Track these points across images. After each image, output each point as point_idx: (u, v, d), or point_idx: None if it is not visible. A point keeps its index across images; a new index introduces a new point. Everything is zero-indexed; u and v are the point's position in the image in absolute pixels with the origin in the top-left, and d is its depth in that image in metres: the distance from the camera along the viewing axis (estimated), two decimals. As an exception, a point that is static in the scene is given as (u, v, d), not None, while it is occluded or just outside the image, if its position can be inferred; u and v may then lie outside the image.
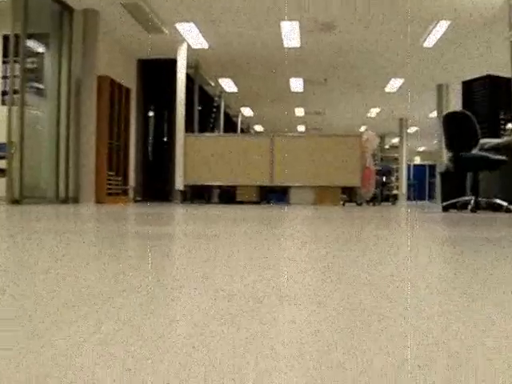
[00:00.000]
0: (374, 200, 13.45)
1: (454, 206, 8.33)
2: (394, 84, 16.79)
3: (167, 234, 2.35)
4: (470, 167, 7.32)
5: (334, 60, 14.57)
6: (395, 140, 30.56)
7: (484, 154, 7.13)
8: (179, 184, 12.60)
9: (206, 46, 13.25)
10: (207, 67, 15.51)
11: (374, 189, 12.56)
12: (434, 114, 21.83)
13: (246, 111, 22.41)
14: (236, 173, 12.40)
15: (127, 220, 3.69)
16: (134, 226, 2.92)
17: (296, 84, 17.17)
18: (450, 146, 7.44)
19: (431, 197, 35.47)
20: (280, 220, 4.16)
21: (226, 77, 16.66)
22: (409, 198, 27.74)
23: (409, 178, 29.96)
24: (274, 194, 17.29)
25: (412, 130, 26.57)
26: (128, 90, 12.27)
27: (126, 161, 12.30)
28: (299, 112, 22.28)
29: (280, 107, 21.44)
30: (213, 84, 16.90)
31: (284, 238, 2.19)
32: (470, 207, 7.16)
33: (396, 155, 26.16)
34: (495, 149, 8.43)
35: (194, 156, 12.53)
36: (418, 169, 38.69)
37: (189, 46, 13.13)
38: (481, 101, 9.95)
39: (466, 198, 7.48)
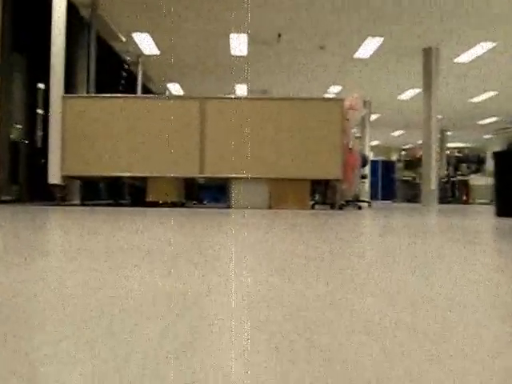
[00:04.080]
0: (352, 201, 9.08)
1: None
2: (369, 46, 12.57)
3: None
4: None
5: (292, 6, 10.18)
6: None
7: None
8: (54, 175, 7.86)
9: (100, -39, 8.57)
10: (112, 9, 10.80)
11: (358, 183, 8.26)
12: (405, 95, 17.86)
13: (175, 89, 17.75)
14: (147, 158, 7.81)
15: None
16: None
17: (238, 43, 12.67)
18: None
19: (386, 196, 31.94)
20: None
21: (141, 30, 11.96)
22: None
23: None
24: (208, 192, 12.82)
25: (372, 117, 22.62)
26: (-34, 21, 7.43)
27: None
28: (241, 90, 17.79)
29: (217, 82, 16.88)
30: (123, 39, 12.18)
31: None
32: None
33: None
34: None
35: (81, 131, 7.84)
36: (372, 165, 35.01)
37: (73, -40, 8.40)
38: None
39: None
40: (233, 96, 7.82)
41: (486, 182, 21.08)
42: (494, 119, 22.41)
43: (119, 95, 7.95)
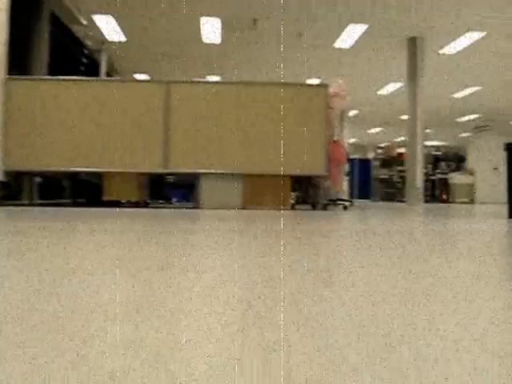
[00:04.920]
0: (335, 201, 8.16)
1: None
2: (351, 34, 11.71)
3: None
4: None
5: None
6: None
7: None
8: (-6, 170, 6.80)
9: None
10: (69, -13, 9.74)
11: (343, 180, 7.37)
12: (386, 89, 17.10)
13: (143, 80, 16.65)
14: (104, 151, 6.80)
15: None
16: None
17: (211, 29, 11.70)
18: None
19: (363, 195, 31.41)
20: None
21: (103, 12, 10.89)
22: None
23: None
24: (178, 190, 11.87)
25: (349, 113, 21.84)
26: None
27: None
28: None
29: (188, 73, 15.86)
30: (84, 22, 11.09)
31: None
32: None
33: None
34: None
35: (27, 119, 6.80)
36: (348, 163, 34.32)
37: None
38: None
39: None
40: (202, 80, 6.86)
41: (466, 180, 20.46)
42: (473, 116, 21.80)
43: (72, 77, 6.91)
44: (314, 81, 16.37)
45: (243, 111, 6.79)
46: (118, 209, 5.92)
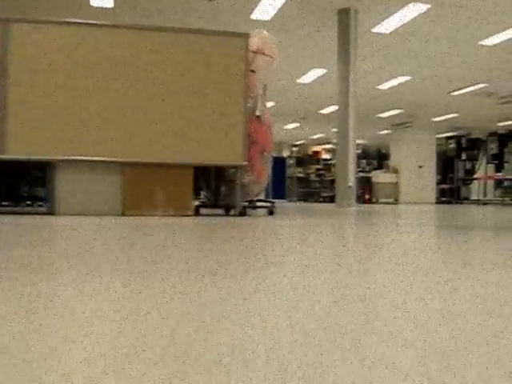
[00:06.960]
0: (253, 202, 5.98)
1: None
2: (272, 2, 9.66)
3: None
4: None
5: None
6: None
7: None
8: None
9: None
10: None
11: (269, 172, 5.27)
12: (307, 77, 15.27)
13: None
14: None
15: None
16: None
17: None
18: None
19: (277, 195, 29.77)
20: None
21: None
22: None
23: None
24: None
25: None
26: None
27: None
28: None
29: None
30: None
31: None
32: None
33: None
34: None
35: None
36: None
37: None
38: None
39: None
40: (63, 20, 4.54)
41: (390, 179, 19.14)
42: (396, 111, 20.49)
43: None
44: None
45: (121, 70, 4.54)
46: None
